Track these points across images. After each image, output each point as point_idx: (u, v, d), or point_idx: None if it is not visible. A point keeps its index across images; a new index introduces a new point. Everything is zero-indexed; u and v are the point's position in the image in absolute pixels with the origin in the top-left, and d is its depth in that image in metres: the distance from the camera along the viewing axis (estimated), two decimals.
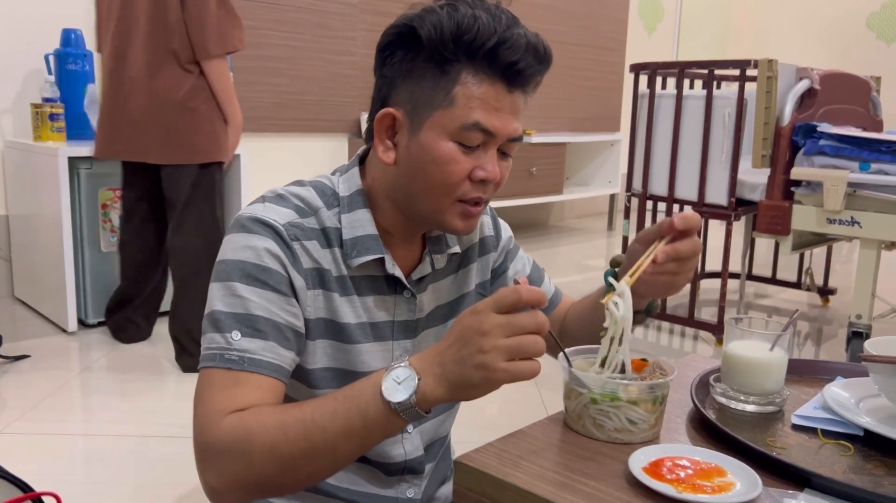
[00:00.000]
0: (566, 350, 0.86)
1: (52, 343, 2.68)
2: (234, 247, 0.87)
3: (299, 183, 0.95)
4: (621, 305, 0.83)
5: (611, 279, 0.88)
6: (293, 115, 4.01)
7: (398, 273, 0.94)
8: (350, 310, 0.92)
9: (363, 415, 0.76)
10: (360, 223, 0.92)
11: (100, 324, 2.86)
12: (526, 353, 0.73)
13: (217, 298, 0.85)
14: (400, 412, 0.75)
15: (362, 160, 0.97)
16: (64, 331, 2.77)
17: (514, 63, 0.84)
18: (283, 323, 0.85)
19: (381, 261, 0.93)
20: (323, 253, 0.90)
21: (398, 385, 0.75)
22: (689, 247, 0.88)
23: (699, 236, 0.93)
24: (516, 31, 0.84)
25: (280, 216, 0.88)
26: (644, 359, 0.88)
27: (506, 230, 1.13)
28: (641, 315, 0.97)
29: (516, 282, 0.74)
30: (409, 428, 0.98)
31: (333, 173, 0.98)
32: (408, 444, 0.98)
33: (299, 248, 0.88)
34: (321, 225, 0.91)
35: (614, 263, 0.97)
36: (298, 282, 0.87)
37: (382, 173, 0.92)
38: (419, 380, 0.75)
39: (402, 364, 0.77)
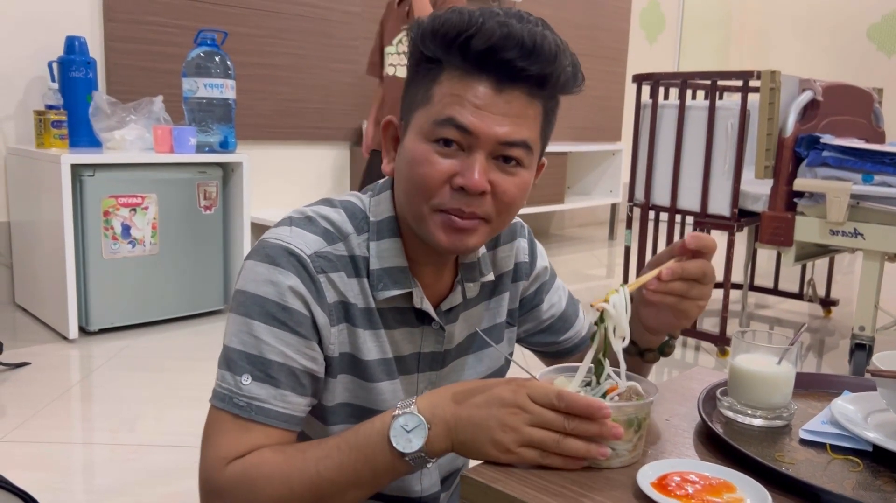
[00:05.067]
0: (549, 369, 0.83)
1: (52, 350, 2.67)
2: (255, 278, 0.82)
3: (329, 203, 0.90)
4: (618, 305, 0.78)
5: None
6: (295, 124, 4.02)
7: (427, 307, 0.89)
8: (374, 346, 0.88)
9: (372, 465, 0.75)
10: (388, 253, 0.87)
11: (101, 331, 2.85)
12: (543, 448, 0.73)
13: (233, 333, 0.82)
14: (409, 460, 0.75)
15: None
16: (65, 338, 2.76)
17: (488, 53, 0.76)
18: (299, 368, 0.81)
19: (410, 293, 0.88)
20: (350, 283, 0.85)
21: (407, 433, 0.74)
22: (696, 266, 0.83)
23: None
24: (496, 21, 0.76)
25: (307, 245, 0.83)
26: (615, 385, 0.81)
27: (542, 258, 1.06)
28: (654, 354, 0.93)
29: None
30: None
31: (365, 192, 0.92)
32: (426, 480, 0.96)
33: (325, 282, 0.83)
34: (350, 252, 0.86)
35: None
36: (322, 319, 0.83)
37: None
38: (429, 429, 0.74)
39: (408, 409, 0.75)
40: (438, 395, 0.77)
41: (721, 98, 2.89)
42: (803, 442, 0.85)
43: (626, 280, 3.26)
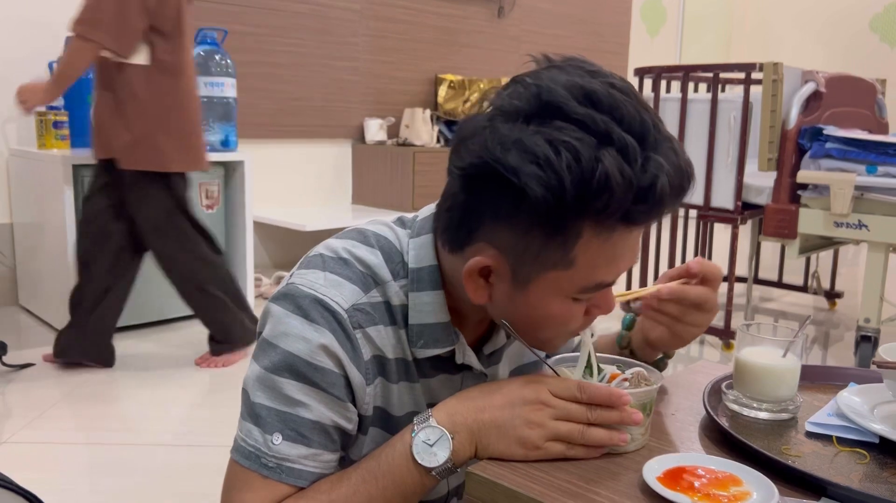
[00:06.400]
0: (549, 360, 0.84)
1: None
2: (286, 331, 0.77)
3: (363, 237, 0.83)
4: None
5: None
6: (296, 122, 4.01)
7: (470, 360, 0.85)
8: (408, 399, 0.84)
9: (401, 489, 0.75)
10: (429, 307, 0.80)
11: None
12: (569, 440, 0.74)
13: (261, 388, 0.77)
14: (436, 474, 0.74)
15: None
16: None
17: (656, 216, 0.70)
18: (330, 425, 0.78)
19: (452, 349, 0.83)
20: (387, 333, 0.80)
21: (431, 447, 0.73)
22: (696, 293, 0.83)
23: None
24: (656, 173, 0.66)
25: (344, 297, 0.78)
26: (621, 371, 0.84)
27: None
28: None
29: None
30: None
31: (402, 225, 0.85)
32: (452, 479, 0.93)
33: (361, 337, 0.78)
34: (386, 298, 0.80)
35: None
36: (357, 379, 0.78)
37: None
38: (453, 439, 0.73)
39: (427, 423, 0.74)
40: (454, 404, 0.76)
41: (723, 91, 2.88)
42: (809, 434, 0.84)
43: (629, 276, 3.26)
